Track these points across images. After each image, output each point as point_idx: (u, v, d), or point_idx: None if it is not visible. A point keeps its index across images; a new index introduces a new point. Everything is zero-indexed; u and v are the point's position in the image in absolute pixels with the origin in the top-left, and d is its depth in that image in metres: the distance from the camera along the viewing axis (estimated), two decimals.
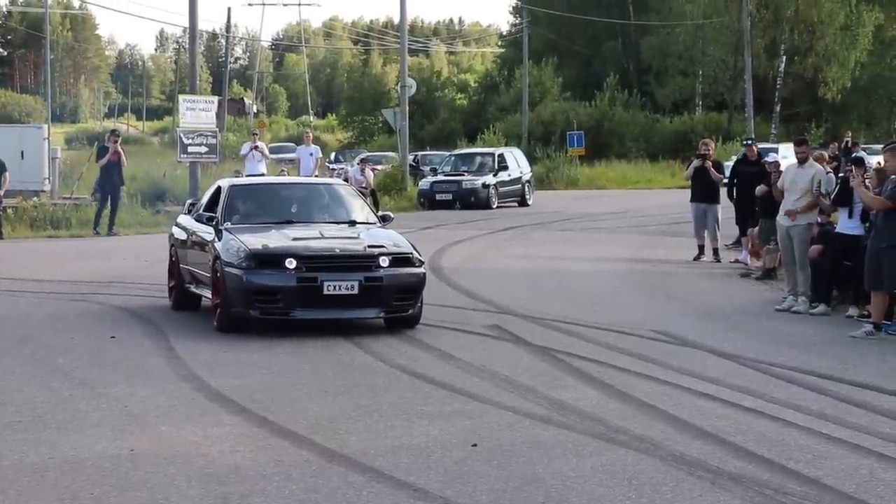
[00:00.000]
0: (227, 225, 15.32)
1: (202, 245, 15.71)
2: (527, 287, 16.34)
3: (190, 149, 34.85)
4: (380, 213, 16.69)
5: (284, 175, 31.31)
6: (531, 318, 15.64)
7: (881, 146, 19.06)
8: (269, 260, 14.28)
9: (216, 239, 15.07)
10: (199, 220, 16.12)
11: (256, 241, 14.65)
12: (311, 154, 35.22)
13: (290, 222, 15.72)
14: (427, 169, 46.41)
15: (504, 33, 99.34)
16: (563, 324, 15.27)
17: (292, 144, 69.67)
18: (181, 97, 38.39)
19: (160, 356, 13.30)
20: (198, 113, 35.78)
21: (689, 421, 10.15)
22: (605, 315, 15.77)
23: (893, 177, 14.54)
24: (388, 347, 13.58)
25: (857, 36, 66.13)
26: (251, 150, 34.33)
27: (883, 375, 12.28)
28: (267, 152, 36.41)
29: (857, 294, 16.37)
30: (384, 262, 14.38)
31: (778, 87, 67.87)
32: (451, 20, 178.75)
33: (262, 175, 31.97)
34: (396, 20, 63.04)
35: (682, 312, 16.66)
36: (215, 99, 41.44)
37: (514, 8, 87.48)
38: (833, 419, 10.28)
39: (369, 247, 14.64)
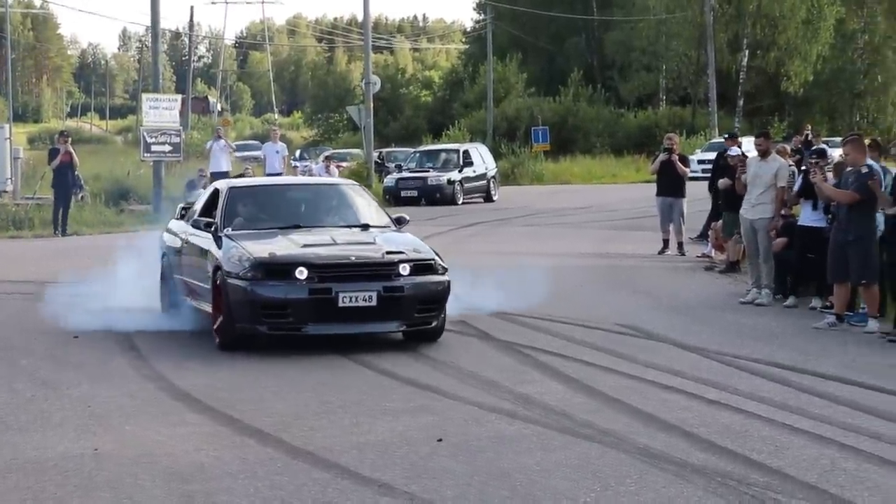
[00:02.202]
0: (228, 231, 14.02)
1: (200, 253, 14.47)
2: (492, 283, 16.38)
3: (153, 147, 34.81)
4: (395, 216, 15.06)
5: (249, 173, 31.19)
6: (496, 313, 15.67)
7: (841, 139, 19.22)
8: (277, 269, 12.97)
9: (216, 246, 13.85)
10: (196, 225, 14.75)
11: (262, 248, 13.33)
12: (278, 152, 35.11)
13: (296, 227, 14.35)
14: (392, 166, 46.46)
15: (468, 30, 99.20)
16: (528, 319, 15.32)
17: (257, 142, 69.53)
18: (144, 96, 38.38)
19: (123, 356, 13.28)
20: (161, 111, 35.75)
21: (654, 414, 10.21)
22: (571, 310, 15.82)
23: (850, 169, 14.64)
24: (353, 344, 13.54)
25: (818, 30, 66.48)
26: (215, 140, 34.41)
27: (845, 366, 12.37)
28: (233, 145, 36.38)
29: (820, 286, 16.47)
30: (404, 269, 13.14)
31: (741, 81, 68.11)
32: (415, 17, 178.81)
33: (226, 172, 31.88)
34: (360, 17, 62.98)
35: (647, 306, 16.73)
36: (179, 97, 41.47)
37: (477, 4, 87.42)
38: (795, 410, 10.36)
39: (387, 253, 13.35)
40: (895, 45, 68.07)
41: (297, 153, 60.51)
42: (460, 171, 41.73)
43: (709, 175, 23.77)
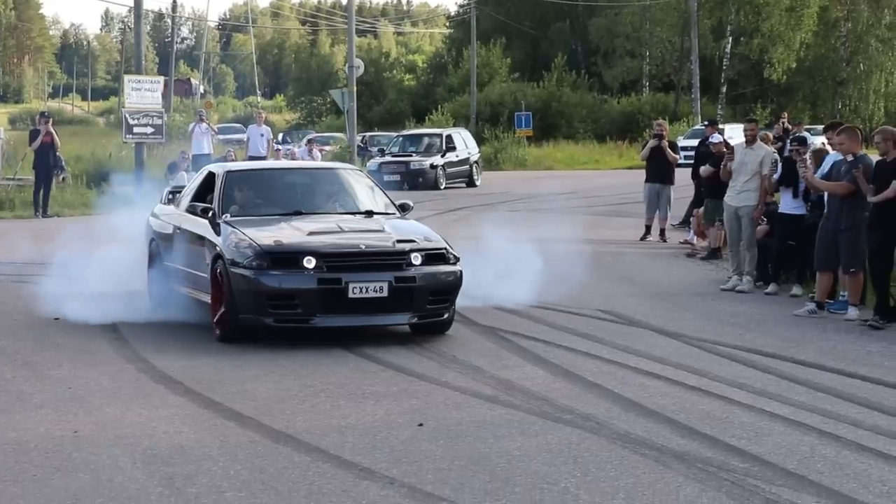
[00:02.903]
0: (227, 217, 13.27)
1: (196, 240, 13.73)
2: (473, 268, 16.37)
3: (135, 129, 34.75)
4: (399, 202, 14.36)
5: (232, 157, 31.12)
6: (478, 298, 15.67)
7: (823, 127, 19.27)
8: (284, 258, 12.29)
9: (214, 233, 13.16)
10: (191, 211, 13.96)
11: (266, 235, 12.66)
12: (262, 135, 35.18)
13: (298, 213, 13.58)
14: (375, 150, 46.45)
15: (452, 14, 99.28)
16: (510, 304, 15.33)
17: (240, 125, 69.40)
18: (126, 77, 38.34)
19: (104, 338, 13.26)
20: (143, 93, 35.75)
21: (634, 400, 10.24)
22: (552, 295, 15.80)
23: (840, 158, 14.70)
24: (336, 329, 13.54)
25: (801, 17, 66.61)
26: (197, 123, 34.50)
27: (824, 353, 12.44)
28: (215, 128, 36.41)
29: (800, 273, 16.54)
30: (416, 259, 12.54)
31: (724, 68, 68.28)
32: (399, 1, 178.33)
33: (209, 155, 31.85)
34: (344, 0, 62.77)
35: (628, 292, 16.78)
36: (161, 79, 41.33)
37: None
38: (775, 397, 10.41)
39: (398, 242, 12.73)
40: (878, 34, 68.14)
41: (280, 136, 60.48)
42: (443, 156, 41.74)
43: (691, 162, 23.81)
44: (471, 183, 42.32)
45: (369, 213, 13.79)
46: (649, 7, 68.64)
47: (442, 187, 40.36)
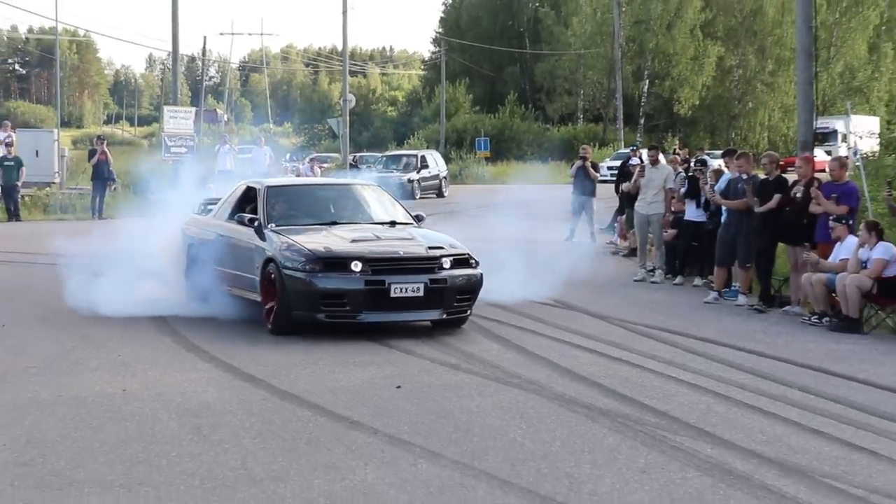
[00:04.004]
0: (273, 227, 12.41)
1: (243, 247, 12.74)
2: None
3: (172, 149, 34.65)
4: (414, 213, 13.61)
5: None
6: None
7: (720, 152, 19.40)
8: (334, 263, 11.49)
9: (261, 240, 12.31)
10: (239, 221, 12.84)
11: (315, 243, 11.84)
12: (265, 154, 35.49)
13: (334, 223, 12.72)
14: (364, 167, 46.32)
15: (426, 59, 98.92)
16: None
17: (255, 146, 69.02)
18: (165, 108, 38.09)
19: (147, 319, 13.05)
20: (179, 121, 35.72)
21: (569, 368, 10.28)
22: (505, 285, 15.82)
23: (734, 177, 14.81)
24: None
25: (703, 64, 66.99)
26: (221, 144, 34.82)
27: (720, 331, 12.51)
28: (236, 149, 36.68)
29: (701, 268, 16.63)
30: (446, 263, 11.83)
31: (642, 104, 68.42)
32: (383, 48, 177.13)
33: (231, 170, 31.76)
34: (340, 47, 62.65)
35: (565, 282, 16.75)
36: (193, 109, 41.14)
37: (433, 39, 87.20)
38: (680, 366, 10.47)
39: (429, 248, 12.02)
40: (763, 79, 68.37)
41: (288, 155, 60.09)
42: (418, 172, 41.68)
43: (615, 178, 23.93)
44: (440, 194, 42.25)
45: (392, 223, 13.01)
46: (583, 55, 68.68)
47: (417, 198, 40.19)
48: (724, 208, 15.17)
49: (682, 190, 16.99)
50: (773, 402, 9.00)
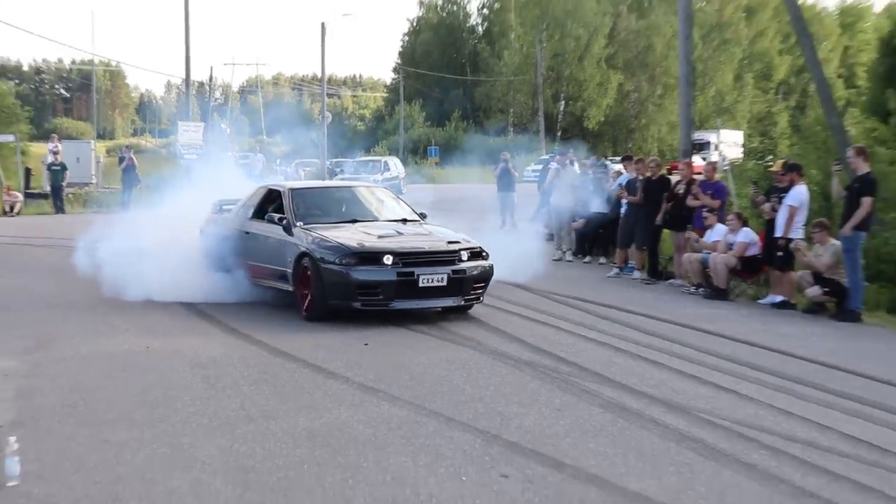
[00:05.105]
0: (301, 224, 11.33)
1: (274, 242, 11.54)
2: None
3: (185, 156, 34.34)
4: (419, 212, 12.64)
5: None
6: None
7: (620, 158, 19.52)
8: (368, 257, 10.43)
9: (291, 237, 11.21)
10: (269, 220, 11.67)
11: (347, 238, 10.76)
12: (259, 160, 35.15)
13: (354, 220, 11.64)
14: (339, 170, 46.13)
15: (388, 84, 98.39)
16: None
17: (251, 152, 68.42)
18: (180, 123, 37.74)
19: (171, 299, 12.50)
20: (190, 133, 35.53)
21: (500, 328, 10.31)
22: None
23: (631, 178, 14.91)
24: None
25: (607, 89, 67.36)
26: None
27: (620, 300, 12.55)
28: (236, 155, 36.35)
29: (605, 250, 16.72)
30: (464, 256, 10.90)
31: (559, 120, 68.69)
32: (355, 75, 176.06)
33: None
34: (320, 74, 62.25)
35: (499, 261, 16.76)
36: (202, 124, 40.70)
37: (394, 68, 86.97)
38: (589, 326, 10.51)
39: (449, 243, 11.05)
40: (653, 101, 68.89)
41: (278, 161, 59.64)
42: (382, 174, 41.56)
43: (537, 179, 24.02)
44: (399, 192, 42.13)
45: (404, 220, 11.97)
46: (512, 81, 68.73)
47: None
48: (623, 201, 15.27)
49: (591, 188, 17.03)
50: (659, 354, 9.08)
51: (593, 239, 17.05)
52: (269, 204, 12.23)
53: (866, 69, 33.52)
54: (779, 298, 12.30)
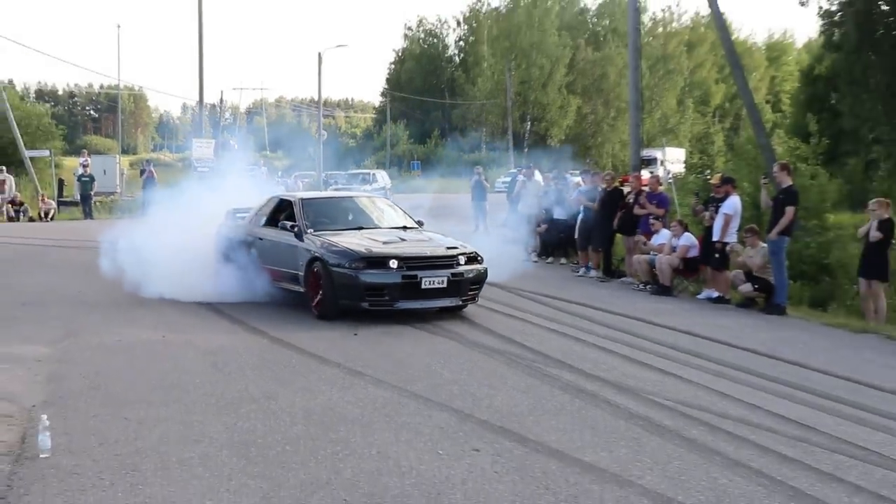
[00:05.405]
0: (311, 231, 10.90)
1: (286, 247, 11.06)
2: None
3: (199, 169, 34.19)
4: (416, 220, 12.08)
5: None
6: None
7: (579, 171, 19.57)
8: (375, 261, 9.99)
9: (301, 242, 10.77)
10: (281, 227, 11.23)
11: (355, 244, 10.31)
12: (262, 172, 35.09)
13: (360, 227, 11.17)
14: (332, 182, 46.07)
15: (377, 106, 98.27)
16: None
17: (255, 165, 68.17)
18: (194, 140, 37.63)
19: (185, 298, 12.27)
20: (203, 149, 35.50)
21: (474, 320, 10.27)
22: None
23: (589, 188, 14.95)
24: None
25: (567, 112, 67.68)
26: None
27: (581, 295, 12.49)
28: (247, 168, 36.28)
29: (565, 252, 16.72)
30: (461, 260, 10.46)
31: (526, 138, 68.88)
32: (347, 98, 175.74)
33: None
34: (316, 97, 62.08)
35: None
36: (213, 140, 40.55)
37: (382, 92, 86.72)
38: (552, 319, 10.48)
39: (448, 248, 10.59)
40: (608, 122, 69.21)
41: (279, 173, 59.45)
42: (371, 185, 41.51)
43: (507, 189, 24.00)
44: None
45: (404, 228, 11.45)
46: (485, 104, 68.97)
47: None
48: (582, 208, 15.28)
49: (554, 197, 17.04)
50: (612, 342, 9.07)
51: (556, 242, 17.05)
52: (280, 212, 11.81)
53: (790, 96, 33.81)
54: (715, 294, 12.35)
